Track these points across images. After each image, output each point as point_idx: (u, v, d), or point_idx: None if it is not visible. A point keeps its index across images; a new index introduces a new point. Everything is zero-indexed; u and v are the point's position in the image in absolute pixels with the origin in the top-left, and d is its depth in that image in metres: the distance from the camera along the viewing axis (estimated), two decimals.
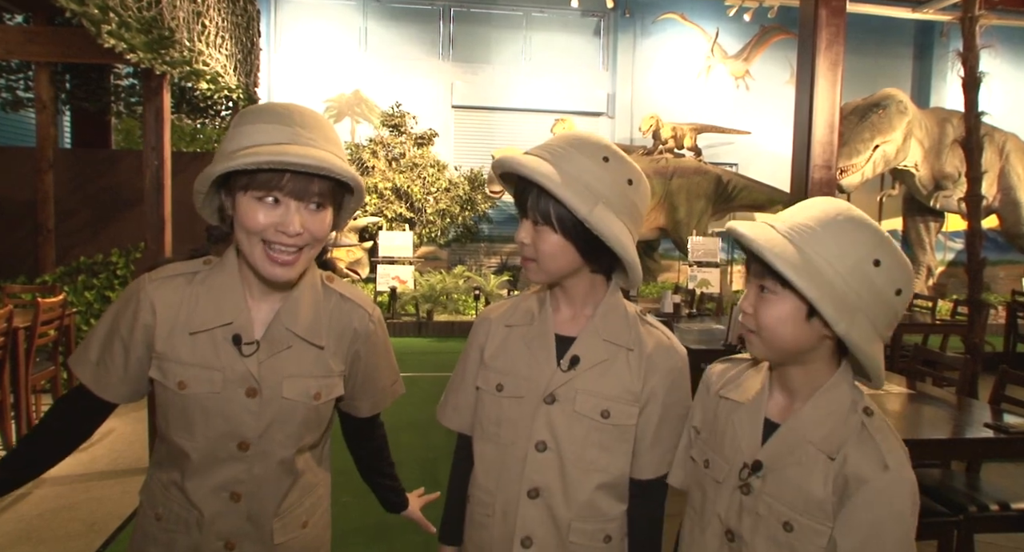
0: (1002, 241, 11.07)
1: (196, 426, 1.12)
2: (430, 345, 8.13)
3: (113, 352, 1.14)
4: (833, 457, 0.98)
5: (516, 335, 1.23)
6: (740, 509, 1.05)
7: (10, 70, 6.52)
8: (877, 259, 0.95)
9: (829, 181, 4.98)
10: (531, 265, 1.16)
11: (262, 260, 1.08)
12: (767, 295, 1.00)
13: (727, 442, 1.09)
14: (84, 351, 1.16)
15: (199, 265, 1.17)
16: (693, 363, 4.60)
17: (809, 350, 1.01)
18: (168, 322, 1.13)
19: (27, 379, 4.12)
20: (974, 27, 4.92)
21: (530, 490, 1.17)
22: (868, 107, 9.19)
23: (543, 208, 1.11)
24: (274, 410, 1.14)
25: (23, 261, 5.94)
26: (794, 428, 1.02)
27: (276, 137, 1.04)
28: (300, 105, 1.13)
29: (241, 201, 1.06)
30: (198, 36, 5.37)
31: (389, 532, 3.10)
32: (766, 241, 0.96)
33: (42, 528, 3.11)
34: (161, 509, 1.17)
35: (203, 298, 1.13)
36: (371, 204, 10.12)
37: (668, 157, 10.58)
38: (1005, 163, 10.22)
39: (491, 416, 1.23)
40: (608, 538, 1.19)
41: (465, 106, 11.93)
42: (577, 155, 1.12)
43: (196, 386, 1.12)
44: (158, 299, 1.13)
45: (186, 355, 1.12)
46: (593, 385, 1.16)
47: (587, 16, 12.23)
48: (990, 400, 2.87)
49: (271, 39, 11.32)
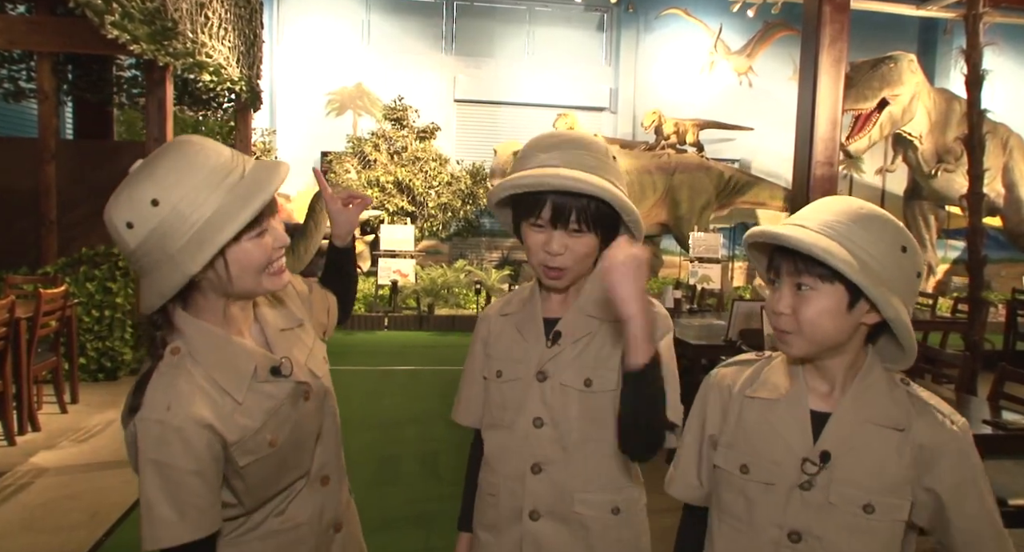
0: (1004, 240, 11.07)
1: (298, 458, 1.16)
2: (431, 339, 8.14)
3: (190, 491, 1.03)
4: (902, 428, 1.02)
5: (511, 323, 1.30)
6: (804, 506, 1.04)
7: (12, 60, 6.51)
8: (904, 246, 1.02)
9: (831, 177, 4.98)
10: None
11: (268, 281, 1.09)
12: (806, 293, 1.02)
13: (768, 442, 1.08)
14: (155, 523, 1.01)
15: (172, 359, 1.06)
16: (694, 359, 4.59)
17: (845, 342, 1.04)
18: (219, 421, 1.05)
19: (28, 370, 4.13)
20: (978, 24, 4.91)
21: (533, 465, 1.22)
22: (880, 59, 9.20)
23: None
24: (322, 392, 1.21)
25: (25, 252, 5.94)
26: (849, 412, 1.05)
27: (252, 199, 1.04)
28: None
29: (239, 252, 1.04)
30: (201, 28, 5.36)
31: (390, 525, 3.11)
32: (812, 240, 0.98)
33: (44, 518, 3.12)
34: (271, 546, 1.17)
35: (215, 371, 1.07)
36: (373, 197, 10.10)
37: (670, 153, 10.57)
38: (1008, 159, 10.20)
39: (495, 402, 1.29)
40: (617, 510, 1.22)
41: (467, 100, 11.91)
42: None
43: (281, 432, 1.12)
44: (191, 416, 1.03)
45: (254, 420, 1.08)
46: (576, 358, 1.21)
47: (590, 11, 12.20)
48: (989, 397, 2.88)
49: (274, 31, 11.30)
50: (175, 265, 0.99)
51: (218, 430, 1.04)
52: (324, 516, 1.22)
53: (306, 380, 1.17)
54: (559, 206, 1.14)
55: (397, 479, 3.63)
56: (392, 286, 8.92)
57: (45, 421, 4.41)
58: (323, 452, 1.22)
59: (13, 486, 3.45)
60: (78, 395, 4.90)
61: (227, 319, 1.11)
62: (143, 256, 1.02)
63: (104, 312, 5.39)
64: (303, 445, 1.17)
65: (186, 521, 1.02)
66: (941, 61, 12.68)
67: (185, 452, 1.01)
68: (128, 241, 1.01)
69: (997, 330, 7.78)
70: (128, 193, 1.01)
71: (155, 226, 0.99)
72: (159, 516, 1.01)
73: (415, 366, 6.46)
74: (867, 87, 8.99)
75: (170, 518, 1.02)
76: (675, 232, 10.39)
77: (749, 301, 4.20)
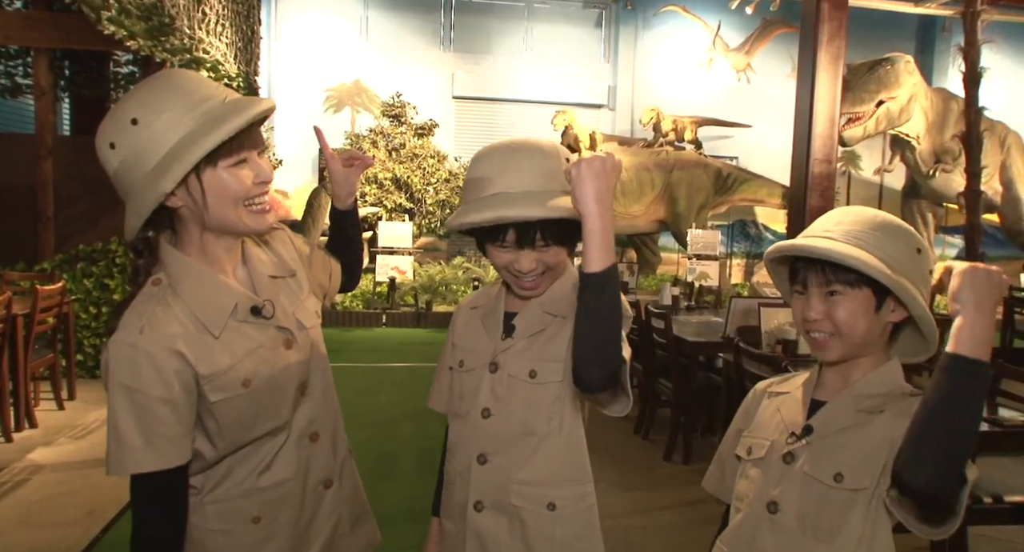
0: (1001, 237, 11.08)
1: (275, 404, 1.14)
2: (429, 336, 8.14)
3: (158, 419, 1.02)
4: (883, 410, 1.06)
5: (477, 315, 1.32)
6: (782, 478, 1.09)
7: (9, 56, 6.50)
8: (919, 248, 1.10)
9: (829, 174, 4.99)
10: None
11: (249, 218, 1.09)
12: (837, 298, 1.08)
13: (770, 424, 1.17)
14: (122, 448, 1.02)
15: (152, 289, 1.07)
16: (691, 356, 4.58)
17: (876, 341, 1.11)
18: (191, 350, 1.05)
19: (26, 366, 4.13)
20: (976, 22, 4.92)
21: (479, 456, 1.23)
22: (877, 61, 9.20)
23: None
24: (308, 343, 1.21)
25: (22, 248, 5.93)
26: (845, 401, 1.10)
27: (229, 119, 1.03)
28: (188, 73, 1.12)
29: (214, 177, 1.04)
30: (198, 24, 5.35)
31: (386, 521, 3.11)
32: (844, 250, 1.05)
33: (41, 514, 3.12)
34: (256, 512, 1.14)
35: (194, 304, 1.07)
36: (371, 194, 10.12)
37: (668, 150, 10.57)
38: (1006, 157, 10.20)
39: (456, 391, 1.31)
40: (552, 506, 1.20)
41: (466, 97, 11.90)
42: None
43: (258, 374, 1.10)
44: (162, 341, 1.03)
45: (229, 357, 1.08)
46: (526, 351, 1.22)
47: (589, 7, 12.19)
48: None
49: (272, 28, 11.27)
50: (150, 184, 1.01)
51: (189, 360, 1.04)
52: (312, 473, 1.21)
53: (289, 327, 1.17)
54: (523, 229, 1.14)
55: (394, 475, 3.64)
56: (390, 283, 8.92)
57: (42, 418, 4.41)
58: (311, 408, 1.21)
59: (10, 483, 3.45)
60: (75, 392, 4.90)
61: (211, 256, 1.12)
62: (124, 177, 1.04)
63: (101, 309, 5.38)
64: (281, 393, 1.15)
65: (152, 449, 1.02)
66: (939, 59, 12.68)
67: (155, 378, 1.01)
68: (111, 161, 1.05)
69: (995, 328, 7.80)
70: (112, 114, 1.05)
71: (134, 145, 1.02)
72: (125, 442, 1.01)
73: (413, 363, 6.45)
74: (864, 90, 8.98)
75: (136, 444, 1.01)
76: (673, 229, 10.39)
77: (747, 298, 4.21)
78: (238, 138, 1.04)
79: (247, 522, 1.15)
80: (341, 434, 1.31)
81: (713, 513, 1.30)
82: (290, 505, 1.18)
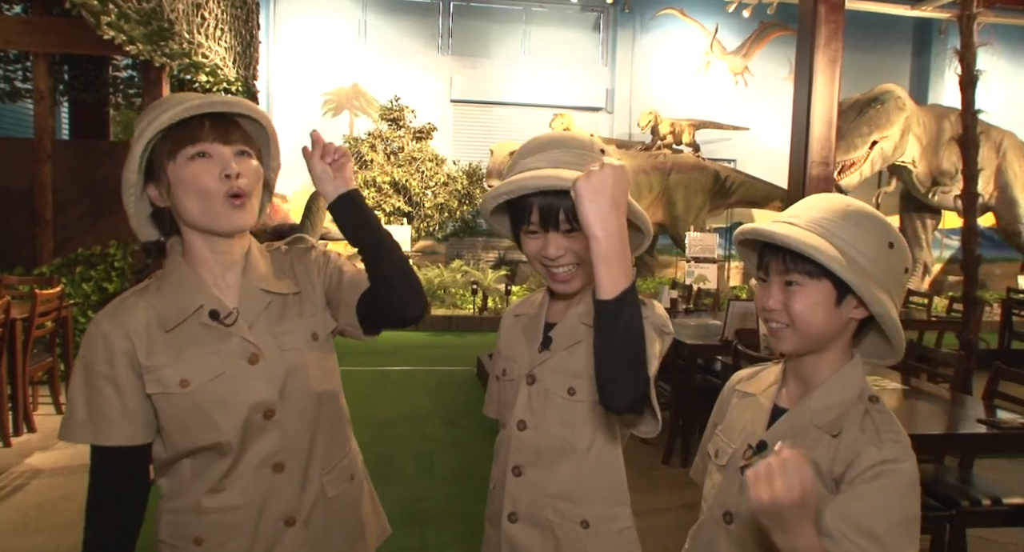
0: (998, 239, 11.10)
1: (216, 417, 1.09)
2: (427, 339, 8.14)
3: (102, 396, 1.08)
4: (835, 435, 1.02)
5: (519, 324, 1.30)
6: (739, 490, 1.07)
7: (8, 60, 6.50)
8: (891, 242, 1.03)
9: (827, 177, 4.99)
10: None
11: (223, 210, 1.09)
12: (795, 288, 1.03)
13: (734, 430, 1.15)
14: (69, 418, 1.09)
15: (146, 283, 1.15)
16: (690, 358, 4.58)
17: (835, 337, 1.05)
18: (142, 337, 1.09)
19: (24, 371, 4.13)
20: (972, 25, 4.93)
21: (514, 467, 1.22)
22: (866, 102, 9.17)
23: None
24: (283, 367, 1.14)
25: (20, 252, 5.92)
26: (802, 413, 1.06)
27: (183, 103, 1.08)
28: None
29: (176, 171, 1.08)
30: (197, 28, 5.36)
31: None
32: (800, 237, 0.99)
33: (40, 518, 3.12)
34: (200, 532, 1.12)
35: (164, 299, 1.11)
36: (369, 198, 10.12)
37: (666, 153, 10.59)
38: (1002, 161, 10.23)
39: (500, 400, 1.32)
40: (586, 523, 1.19)
41: (464, 100, 11.91)
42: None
43: (198, 376, 1.09)
44: (121, 323, 1.09)
45: (174, 353, 1.09)
46: (563, 365, 1.19)
47: (586, 11, 12.21)
48: (984, 396, 2.89)
49: (270, 32, 11.29)
50: (123, 177, 1.09)
51: (136, 346, 1.08)
52: (270, 505, 1.14)
53: (255, 342, 1.12)
54: (545, 207, 1.13)
55: (392, 478, 3.65)
56: None
57: (40, 422, 4.40)
58: (279, 437, 1.14)
59: (8, 487, 3.45)
60: None
61: (198, 257, 1.14)
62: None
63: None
64: (227, 408, 1.10)
65: (92, 424, 1.08)
66: (936, 61, 12.72)
67: (104, 356, 1.08)
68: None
69: (992, 329, 7.81)
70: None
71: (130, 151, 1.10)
72: (73, 412, 1.09)
73: (411, 366, 6.46)
74: (856, 135, 8.94)
75: (80, 416, 1.08)
76: (671, 232, 10.41)
77: (745, 301, 4.21)
78: (194, 130, 1.07)
79: (189, 541, 1.12)
80: (317, 471, 1.19)
81: None
82: (238, 536, 1.12)
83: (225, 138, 1.09)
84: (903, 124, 9.22)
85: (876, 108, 9.05)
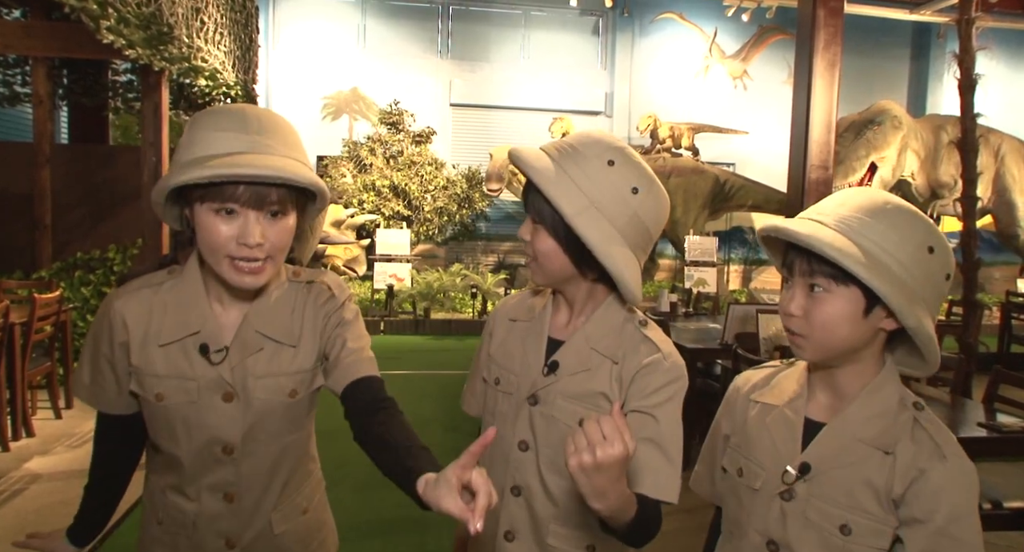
0: (997, 242, 11.11)
1: (179, 435, 1.13)
2: (427, 343, 8.13)
3: (102, 371, 1.16)
4: (889, 452, 0.94)
5: (517, 330, 1.24)
6: (783, 516, 1.00)
7: (7, 65, 6.50)
8: (931, 246, 0.93)
9: (826, 181, 5.00)
10: (532, 264, 1.13)
11: (229, 272, 1.06)
12: (819, 294, 0.94)
13: (762, 447, 1.05)
14: (79, 375, 1.19)
15: (164, 276, 1.16)
16: (690, 362, 4.58)
17: (861, 349, 0.97)
18: (139, 336, 1.13)
19: (23, 375, 4.12)
20: (971, 29, 4.94)
21: (513, 487, 1.17)
22: (863, 123, 9.21)
23: (538, 206, 1.08)
24: (254, 412, 1.14)
25: (19, 256, 5.92)
26: (842, 427, 0.98)
27: (232, 146, 1.01)
28: (259, 108, 1.11)
29: (199, 213, 1.04)
30: (197, 32, 5.36)
31: (385, 529, 3.10)
32: (825, 237, 0.90)
33: (39, 524, 3.11)
34: (161, 513, 1.19)
35: (170, 308, 1.13)
36: (369, 202, 10.12)
37: (666, 156, 10.60)
38: (1000, 165, 10.24)
39: (490, 408, 1.25)
40: (591, 548, 1.16)
41: (463, 104, 11.93)
42: (582, 155, 1.06)
43: (173, 397, 1.11)
44: (127, 313, 1.13)
45: (160, 367, 1.12)
46: (572, 392, 1.14)
47: (586, 15, 12.23)
48: (984, 400, 2.89)
49: (269, 36, 11.30)
50: (159, 184, 1.06)
51: (131, 341, 1.12)
52: (216, 523, 1.17)
53: (233, 384, 1.12)
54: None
55: (391, 483, 3.66)
56: (388, 290, 8.91)
57: (39, 426, 4.39)
58: (234, 473, 1.15)
59: (7, 492, 3.44)
60: (72, 401, 4.87)
61: (214, 280, 1.13)
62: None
63: None
64: (189, 435, 1.12)
65: (93, 389, 1.18)
66: (934, 65, 12.75)
67: (107, 337, 1.14)
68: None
69: (992, 333, 7.81)
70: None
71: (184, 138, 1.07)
72: (80, 376, 1.19)
73: (411, 370, 6.44)
74: (855, 158, 9.01)
75: (83, 380, 1.18)
76: (671, 236, 10.41)
77: (745, 304, 4.21)
78: (234, 187, 1.00)
79: (153, 517, 1.21)
80: (266, 506, 1.19)
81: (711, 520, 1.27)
82: (184, 538, 1.18)
83: (258, 203, 1.02)
84: (900, 143, 9.28)
85: (873, 130, 9.10)
